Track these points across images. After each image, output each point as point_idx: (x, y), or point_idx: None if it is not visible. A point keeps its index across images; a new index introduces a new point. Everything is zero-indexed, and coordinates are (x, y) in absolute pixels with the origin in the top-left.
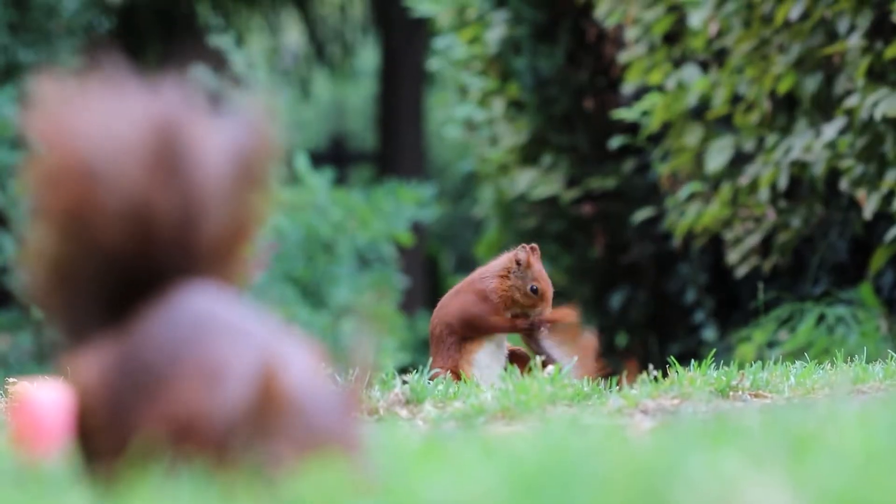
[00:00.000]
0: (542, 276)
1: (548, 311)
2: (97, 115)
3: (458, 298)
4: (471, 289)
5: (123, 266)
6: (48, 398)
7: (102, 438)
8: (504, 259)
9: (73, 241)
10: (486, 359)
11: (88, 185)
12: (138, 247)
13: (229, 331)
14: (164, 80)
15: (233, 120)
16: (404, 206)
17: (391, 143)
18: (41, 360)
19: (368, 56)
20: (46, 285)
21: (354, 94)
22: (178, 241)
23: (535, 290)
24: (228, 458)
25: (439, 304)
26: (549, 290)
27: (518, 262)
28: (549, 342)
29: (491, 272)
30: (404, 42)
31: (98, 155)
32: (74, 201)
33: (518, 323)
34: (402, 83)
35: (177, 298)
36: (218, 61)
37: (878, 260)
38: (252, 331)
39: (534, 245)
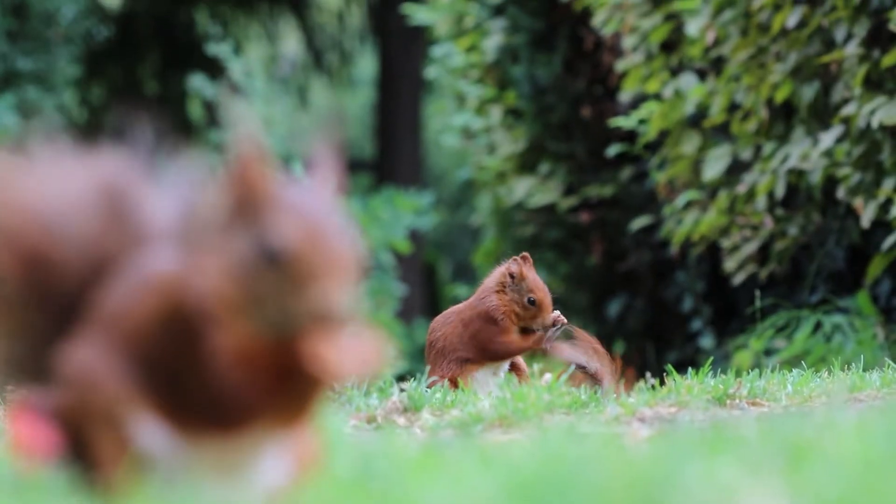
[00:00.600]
0: (537, 285)
1: (548, 319)
2: (48, 177)
3: (465, 326)
4: (474, 313)
5: (79, 303)
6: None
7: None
8: (497, 274)
9: (26, 292)
10: (485, 377)
11: (46, 239)
12: (93, 287)
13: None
14: (109, 147)
15: (177, 176)
16: (402, 214)
17: (389, 151)
18: None
19: (366, 64)
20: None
21: (352, 103)
22: None
23: (532, 302)
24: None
25: (441, 320)
26: (547, 299)
27: (511, 276)
28: (567, 350)
29: (488, 290)
30: (402, 50)
31: (52, 213)
32: (32, 255)
33: (530, 344)
34: (400, 91)
35: (128, 268)
36: (216, 70)
37: (875, 268)
38: None
39: (525, 254)
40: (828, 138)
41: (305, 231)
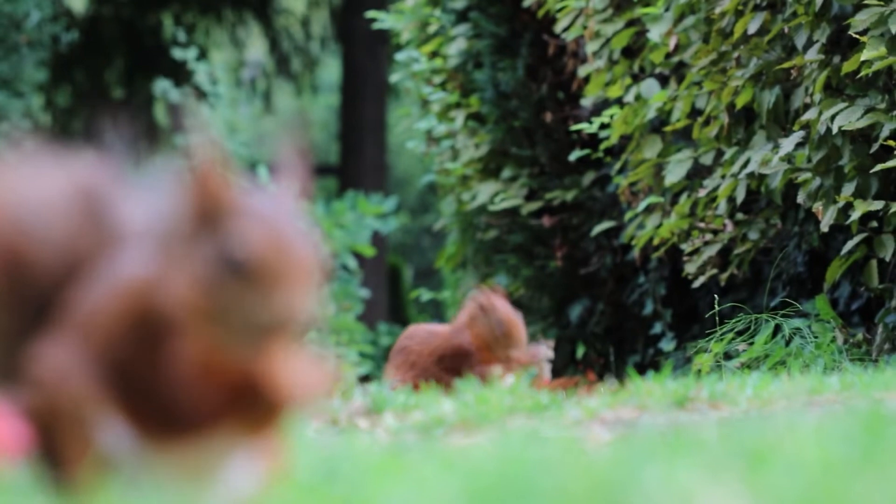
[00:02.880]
0: (507, 316)
1: (522, 347)
2: (24, 180)
3: (439, 358)
4: (448, 345)
5: (53, 304)
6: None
7: (68, 439)
8: (468, 309)
9: (5, 288)
10: None
11: (20, 238)
12: (67, 288)
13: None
14: (86, 151)
15: (154, 179)
16: (366, 219)
17: (353, 156)
18: None
19: (331, 70)
20: None
21: (317, 108)
22: None
23: (503, 333)
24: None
25: (422, 335)
26: (517, 330)
27: (482, 309)
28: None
29: (461, 325)
30: (366, 56)
31: (26, 215)
32: (6, 255)
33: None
34: (365, 97)
35: (101, 271)
36: (181, 75)
37: (834, 272)
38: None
39: (496, 286)
40: (788, 143)
41: (267, 238)
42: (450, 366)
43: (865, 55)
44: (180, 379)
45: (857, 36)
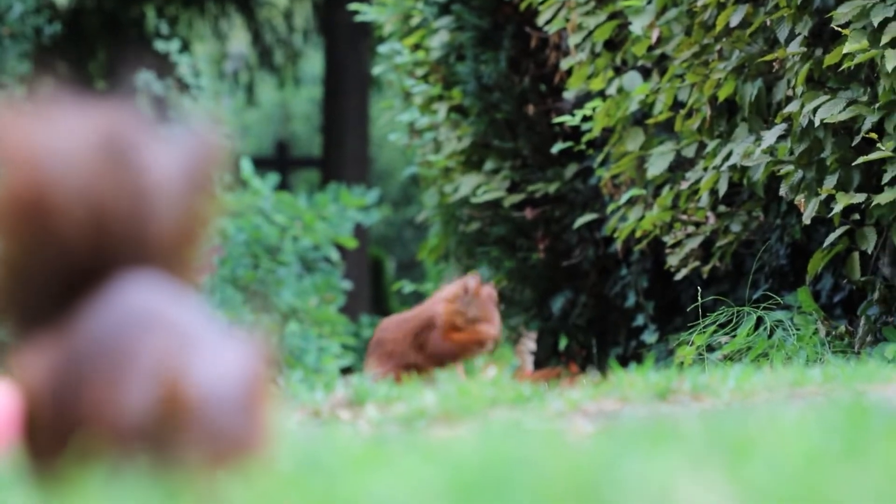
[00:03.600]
0: (486, 309)
1: (487, 341)
2: (49, 127)
3: (414, 335)
4: (419, 320)
5: (77, 263)
6: None
7: (47, 438)
8: (455, 285)
9: (28, 242)
10: None
11: (43, 188)
12: (91, 243)
13: (155, 324)
14: (113, 95)
15: (181, 130)
16: (348, 211)
17: (336, 149)
18: None
19: (313, 62)
20: (4, 285)
21: (299, 100)
22: (128, 238)
23: (475, 319)
24: (135, 458)
25: (394, 324)
26: (489, 328)
27: (466, 291)
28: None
29: (438, 299)
30: (349, 48)
31: (51, 161)
32: (30, 204)
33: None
34: (347, 89)
35: (116, 291)
36: (164, 67)
37: (816, 265)
38: (179, 324)
39: (485, 280)
40: (770, 136)
41: (213, 454)
42: (420, 341)
43: (847, 48)
44: None
45: (840, 28)
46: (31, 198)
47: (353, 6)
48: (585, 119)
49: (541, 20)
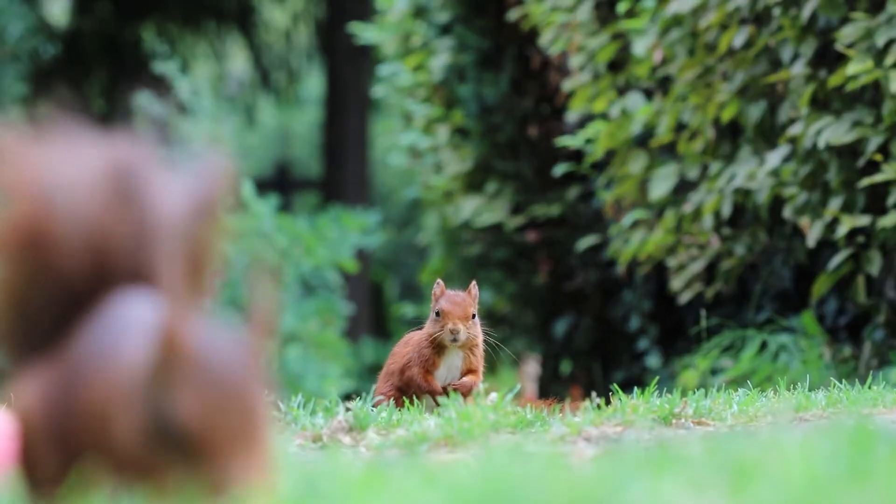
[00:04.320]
0: (448, 298)
1: (456, 326)
2: (53, 157)
3: (412, 339)
4: (410, 344)
5: (76, 292)
6: None
7: (45, 462)
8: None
9: (28, 273)
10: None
11: (45, 221)
12: (92, 275)
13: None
14: (112, 117)
15: (187, 157)
16: (349, 233)
17: (336, 170)
18: None
19: (313, 83)
20: (3, 314)
21: (299, 122)
22: (130, 269)
23: (438, 314)
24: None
25: (401, 344)
26: (453, 307)
27: (437, 313)
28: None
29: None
30: (349, 69)
31: (55, 193)
32: (31, 236)
33: (431, 386)
34: (347, 110)
35: (108, 309)
36: (163, 88)
37: (821, 287)
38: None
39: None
40: (774, 158)
41: (210, 406)
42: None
43: (851, 69)
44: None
45: (844, 50)
46: (32, 230)
47: (353, 27)
48: (588, 141)
49: (543, 41)
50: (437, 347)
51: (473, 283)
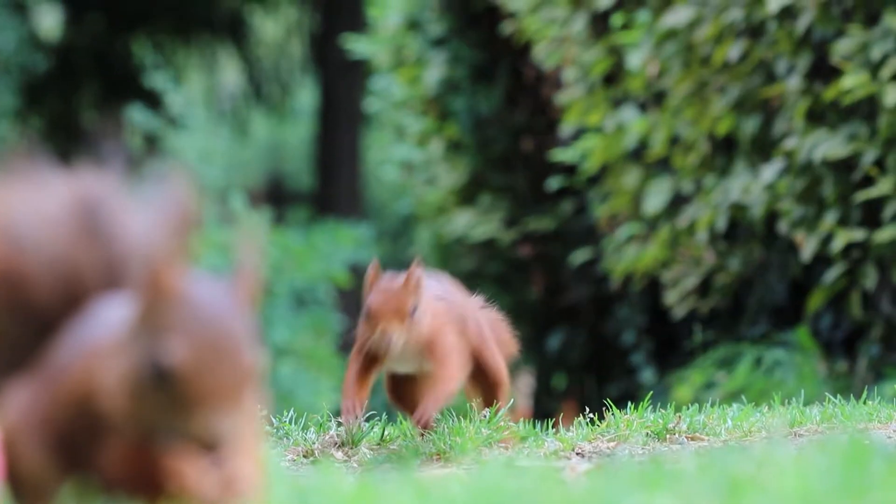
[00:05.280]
0: (378, 291)
1: (388, 329)
2: (21, 196)
3: None
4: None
5: (49, 322)
6: None
7: (33, 473)
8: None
9: (5, 308)
10: None
11: (14, 259)
12: (63, 306)
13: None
14: (85, 163)
15: (156, 189)
16: (341, 247)
17: (329, 184)
18: None
19: (306, 96)
20: None
21: (292, 135)
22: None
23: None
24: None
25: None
26: (384, 306)
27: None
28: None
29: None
30: (342, 82)
31: (24, 232)
32: (5, 273)
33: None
34: (340, 123)
35: (82, 319)
36: (155, 101)
37: (815, 302)
38: None
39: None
40: (769, 172)
41: (200, 351)
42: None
43: (847, 83)
44: (111, 463)
45: (839, 63)
46: (3, 269)
47: (347, 40)
48: (582, 155)
49: (536, 55)
50: (371, 360)
51: (416, 262)
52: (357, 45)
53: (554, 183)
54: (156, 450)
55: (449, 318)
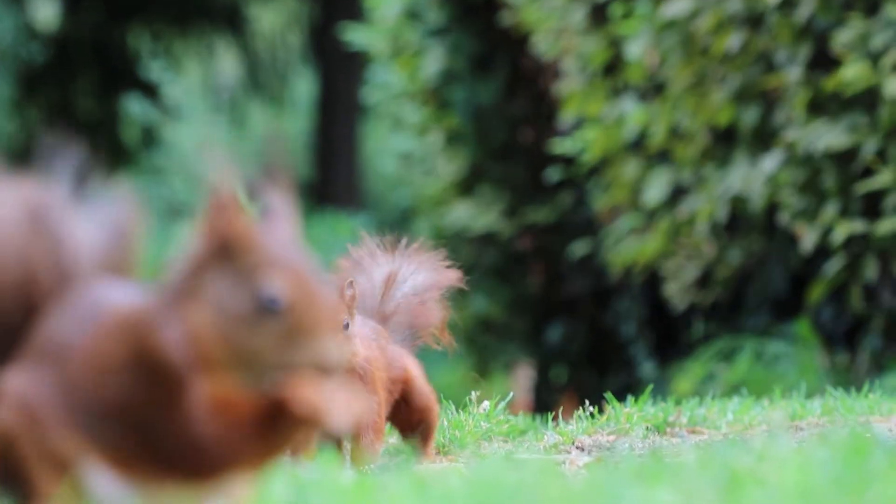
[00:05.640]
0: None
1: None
2: None
3: None
4: None
5: (10, 320)
6: None
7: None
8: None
9: None
10: None
11: None
12: (24, 307)
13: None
14: (33, 172)
15: (103, 199)
16: (340, 237)
17: (327, 174)
18: None
19: (304, 86)
20: None
21: (290, 125)
22: (53, 294)
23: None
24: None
25: None
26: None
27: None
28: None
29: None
30: (341, 73)
31: None
32: None
33: None
34: (338, 114)
35: (68, 300)
36: (152, 91)
37: (816, 294)
38: None
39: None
40: (769, 163)
41: (300, 281)
42: None
43: (847, 73)
44: (194, 422)
45: (840, 54)
46: None
47: (344, 31)
48: (581, 146)
49: (536, 45)
50: None
51: (349, 282)
52: (355, 36)
53: (553, 174)
54: (263, 391)
55: (378, 352)
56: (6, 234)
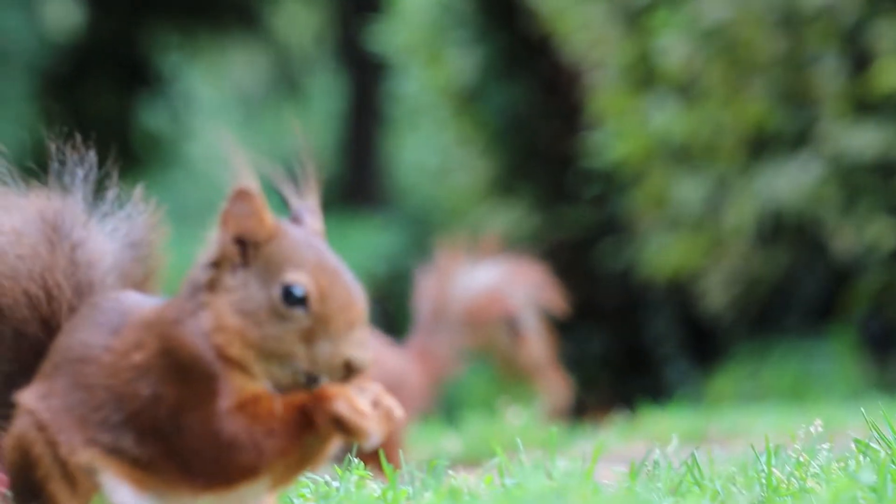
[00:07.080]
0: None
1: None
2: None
3: None
4: None
5: (30, 332)
6: None
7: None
8: None
9: None
10: None
11: None
12: (42, 320)
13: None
14: (52, 182)
15: (121, 208)
16: (365, 240)
17: (353, 177)
18: None
19: (333, 90)
20: None
21: (319, 126)
22: (72, 305)
23: None
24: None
25: None
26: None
27: None
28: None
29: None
30: (370, 76)
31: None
32: None
33: None
34: (367, 118)
35: (86, 319)
36: (173, 93)
37: (856, 300)
38: None
39: None
40: (809, 168)
41: (322, 278)
42: None
43: (889, 77)
44: (222, 419)
45: (882, 58)
46: None
47: (374, 34)
48: (615, 151)
49: (570, 51)
50: None
51: None
52: (385, 39)
53: (586, 179)
54: (287, 391)
55: None
56: (23, 247)
